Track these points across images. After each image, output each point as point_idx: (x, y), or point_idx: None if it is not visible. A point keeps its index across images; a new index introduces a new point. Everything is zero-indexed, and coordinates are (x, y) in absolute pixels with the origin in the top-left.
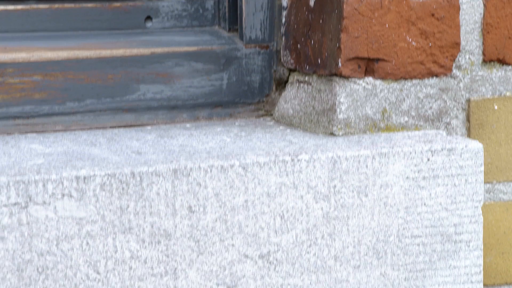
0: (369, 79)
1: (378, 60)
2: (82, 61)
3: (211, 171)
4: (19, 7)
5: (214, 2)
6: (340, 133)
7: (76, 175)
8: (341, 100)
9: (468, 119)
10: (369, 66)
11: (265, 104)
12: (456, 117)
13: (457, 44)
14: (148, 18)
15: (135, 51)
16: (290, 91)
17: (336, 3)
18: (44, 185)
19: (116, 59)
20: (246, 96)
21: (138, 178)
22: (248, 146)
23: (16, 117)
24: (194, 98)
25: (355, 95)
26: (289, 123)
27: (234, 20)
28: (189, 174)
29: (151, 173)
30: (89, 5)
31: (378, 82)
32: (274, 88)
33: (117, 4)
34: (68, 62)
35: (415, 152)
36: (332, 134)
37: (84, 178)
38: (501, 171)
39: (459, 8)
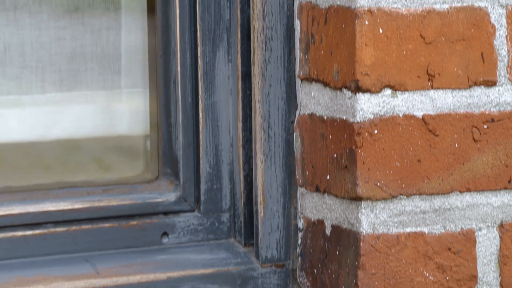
0: None
1: None
2: None
3: None
4: (37, 231)
5: (230, 215)
6: None
7: None
8: None
9: None
10: None
11: None
12: None
13: (474, 276)
14: (164, 234)
15: (151, 276)
16: None
17: (353, 238)
18: None
19: (133, 286)
20: None
21: None
22: None
23: None
24: None
25: None
26: None
27: (249, 235)
28: None
29: None
30: (106, 225)
31: None
32: None
33: (134, 222)
34: None
35: None
36: None
37: None
38: None
39: (475, 241)
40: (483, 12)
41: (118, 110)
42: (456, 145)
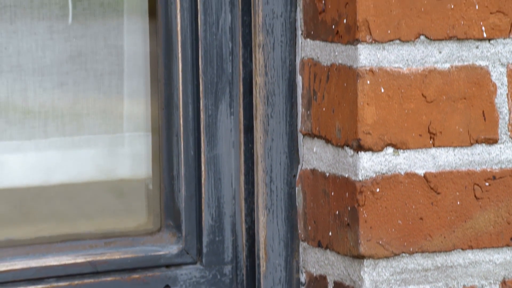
0: None
1: None
2: None
3: None
4: (39, 286)
5: (232, 268)
6: None
7: None
8: None
9: None
10: None
11: None
12: None
13: None
14: (167, 286)
15: None
16: None
17: None
18: None
19: None
20: None
21: None
22: None
23: None
24: None
25: None
26: None
27: (252, 287)
28: None
29: None
30: (109, 278)
31: None
32: None
33: (136, 275)
34: None
35: None
36: None
37: None
38: None
39: None
40: (484, 71)
41: (120, 154)
42: (458, 203)
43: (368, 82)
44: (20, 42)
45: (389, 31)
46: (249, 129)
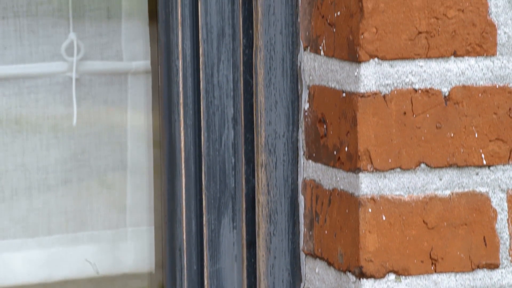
0: None
1: None
2: None
3: None
4: None
5: None
6: None
7: None
8: None
9: None
10: None
11: None
12: None
13: None
14: None
15: None
16: None
17: None
18: None
19: None
20: None
21: None
22: None
23: None
24: None
25: None
26: None
27: None
28: None
29: None
30: None
31: None
32: None
33: None
34: None
35: None
36: None
37: None
38: None
39: None
40: (484, 197)
41: (123, 249)
42: None
43: (370, 210)
44: (25, 142)
45: (390, 160)
46: (251, 244)
